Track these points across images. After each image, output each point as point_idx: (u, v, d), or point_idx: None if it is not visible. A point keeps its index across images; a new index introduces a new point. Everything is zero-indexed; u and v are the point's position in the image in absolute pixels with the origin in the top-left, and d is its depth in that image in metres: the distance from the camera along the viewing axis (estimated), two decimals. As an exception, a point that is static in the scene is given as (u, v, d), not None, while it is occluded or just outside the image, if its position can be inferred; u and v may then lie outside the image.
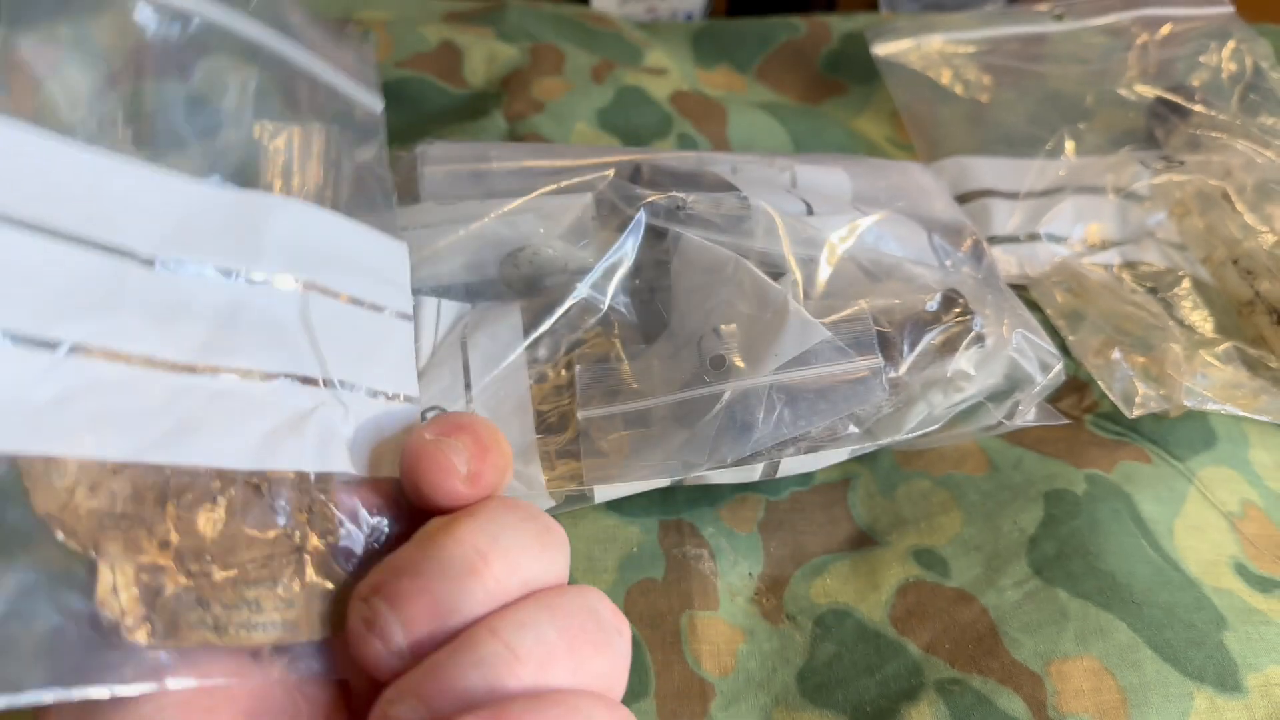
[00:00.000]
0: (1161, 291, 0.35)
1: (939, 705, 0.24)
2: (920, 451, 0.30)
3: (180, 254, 0.15)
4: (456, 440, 0.16)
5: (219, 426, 0.15)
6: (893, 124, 0.45)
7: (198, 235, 0.16)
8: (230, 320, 0.16)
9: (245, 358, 0.16)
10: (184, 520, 0.14)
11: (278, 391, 0.16)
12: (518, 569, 0.15)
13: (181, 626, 0.13)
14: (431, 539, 0.15)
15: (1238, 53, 0.43)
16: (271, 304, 0.16)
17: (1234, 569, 0.28)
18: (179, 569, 0.14)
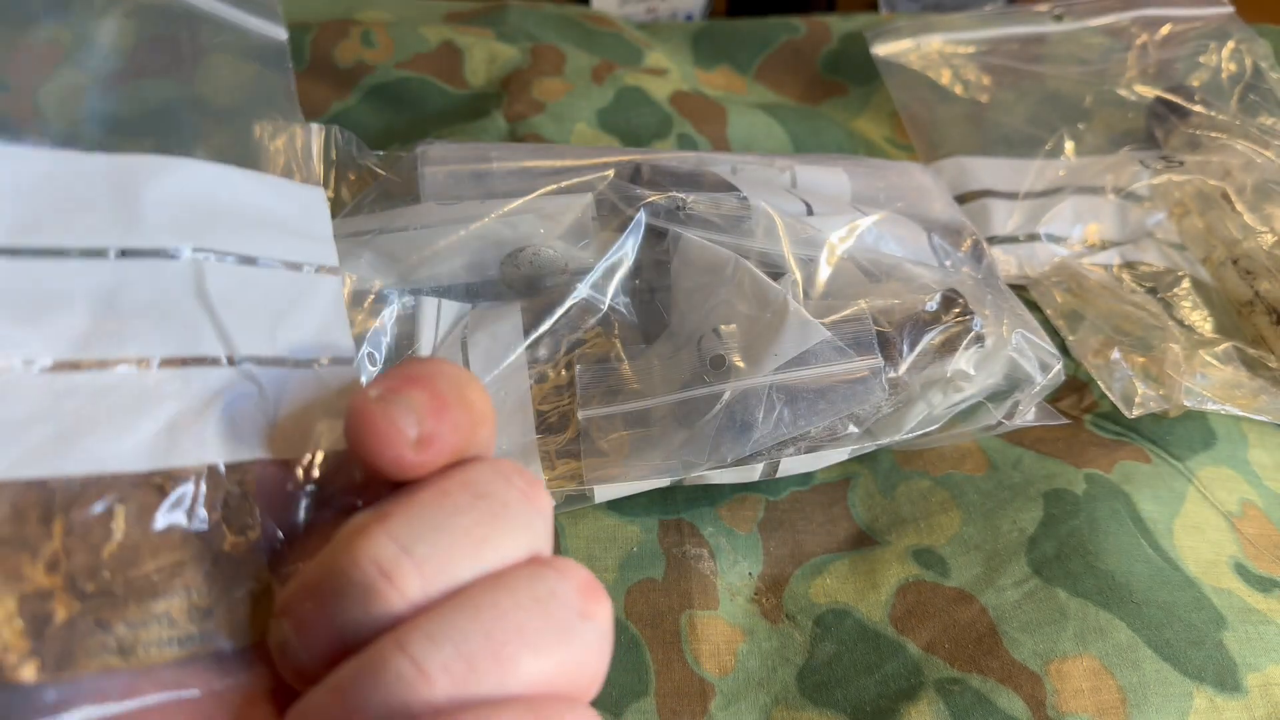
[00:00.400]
0: (1161, 291, 0.35)
1: (938, 704, 0.24)
2: (920, 451, 0.30)
3: (44, 238, 0.14)
4: (406, 396, 0.14)
5: (110, 426, 0.13)
6: (892, 124, 0.45)
7: (63, 212, 0.14)
8: (112, 304, 0.14)
9: (135, 345, 0.14)
10: (75, 536, 0.13)
11: (176, 378, 0.14)
12: (442, 573, 0.13)
13: (78, 655, 0.12)
14: (334, 552, 0.13)
15: (1237, 53, 0.43)
16: (160, 279, 0.15)
17: (1233, 569, 0.28)
18: (70, 592, 0.13)
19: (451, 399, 0.14)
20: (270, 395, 0.15)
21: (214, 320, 0.15)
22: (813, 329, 0.25)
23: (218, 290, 0.15)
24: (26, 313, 0.13)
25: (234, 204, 0.16)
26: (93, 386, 0.14)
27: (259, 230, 0.16)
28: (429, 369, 0.14)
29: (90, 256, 0.14)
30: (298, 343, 0.16)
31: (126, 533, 0.13)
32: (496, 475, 0.14)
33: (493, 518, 0.14)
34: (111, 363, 0.14)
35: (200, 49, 0.18)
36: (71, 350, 0.14)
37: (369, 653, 0.12)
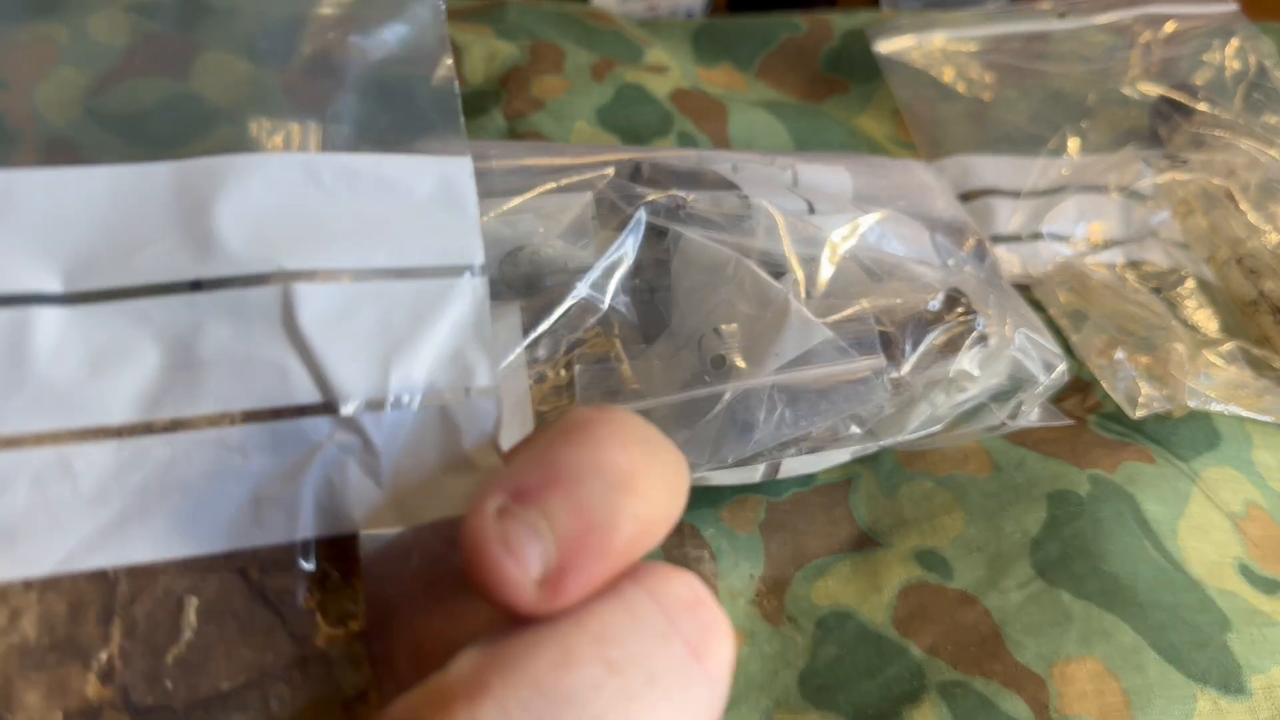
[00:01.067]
0: (1165, 291, 0.35)
1: (941, 707, 0.23)
2: (922, 452, 0.30)
3: (109, 276, 0.12)
4: (537, 513, 0.10)
5: (183, 501, 0.11)
6: (894, 122, 0.45)
7: (130, 242, 0.12)
8: (188, 350, 0.12)
9: (213, 398, 0.12)
10: (136, 640, 0.11)
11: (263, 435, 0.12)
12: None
13: None
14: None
15: (1241, 51, 0.43)
16: (242, 312, 0.12)
17: (1238, 570, 0.28)
18: (123, 708, 0.11)
19: (602, 515, 0.10)
20: (381, 449, 0.12)
21: (307, 358, 0.12)
22: (814, 329, 0.25)
23: (312, 319, 0.12)
24: (93, 371, 0.11)
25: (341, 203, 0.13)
26: (164, 453, 0.11)
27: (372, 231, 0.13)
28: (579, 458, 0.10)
29: (159, 294, 0.12)
30: (420, 376, 0.12)
31: (198, 631, 0.11)
32: (653, 622, 0.10)
33: (627, 703, 0.10)
34: (187, 423, 0.12)
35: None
36: (140, 410, 0.11)
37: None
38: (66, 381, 0.11)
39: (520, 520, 0.10)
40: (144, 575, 0.11)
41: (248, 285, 0.12)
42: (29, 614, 0.11)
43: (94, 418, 0.11)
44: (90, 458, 0.11)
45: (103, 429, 0.11)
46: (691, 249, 0.27)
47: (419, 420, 0.12)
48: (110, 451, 0.11)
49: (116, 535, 0.11)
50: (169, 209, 0.12)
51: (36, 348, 0.11)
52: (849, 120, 0.45)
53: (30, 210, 0.11)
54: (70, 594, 0.11)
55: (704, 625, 0.10)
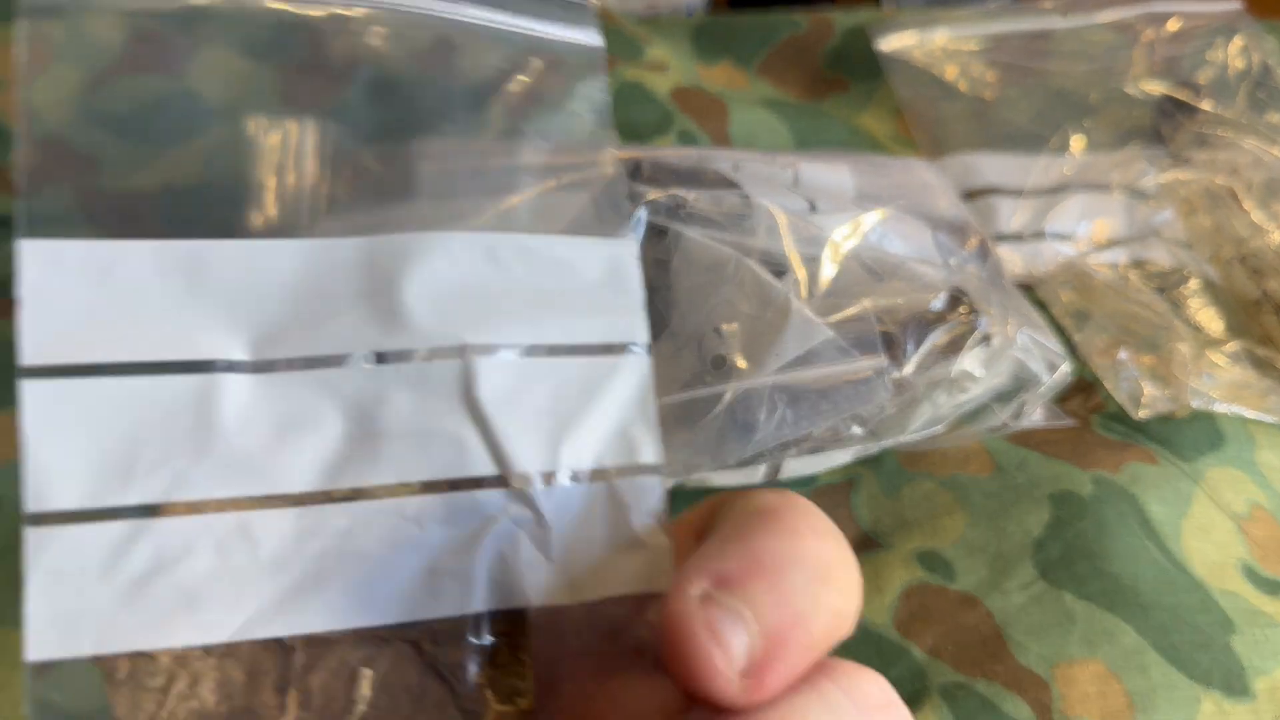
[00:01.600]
0: (1168, 290, 0.35)
1: (943, 710, 0.23)
2: (924, 452, 0.30)
3: (294, 347, 0.12)
4: (742, 601, 0.10)
5: (360, 571, 0.11)
6: (896, 121, 0.45)
7: (316, 314, 0.12)
8: (369, 420, 0.12)
9: (392, 469, 0.12)
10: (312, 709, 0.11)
11: (440, 506, 0.12)
12: None
13: None
14: None
15: (1245, 49, 0.43)
16: (423, 385, 0.12)
17: (1241, 571, 0.27)
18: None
19: (806, 606, 0.10)
20: (552, 523, 0.12)
21: (484, 431, 0.12)
22: (815, 328, 0.25)
23: (491, 394, 0.12)
24: (276, 440, 0.12)
25: (516, 280, 0.13)
26: (343, 522, 0.12)
27: (548, 308, 0.13)
28: (781, 548, 0.10)
29: (343, 365, 0.12)
30: (588, 451, 0.13)
31: (372, 703, 0.11)
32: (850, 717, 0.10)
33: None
34: (366, 492, 0.12)
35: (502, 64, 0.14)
36: (322, 479, 0.12)
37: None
38: (252, 449, 0.11)
39: (726, 608, 0.10)
40: (320, 645, 0.11)
41: (430, 359, 0.12)
42: (207, 681, 0.11)
43: (277, 485, 0.11)
44: (271, 525, 0.11)
45: (285, 496, 0.11)
46: (692, 248, 0.27)
47: (588, 495, 0.12)
48: (291, 519, 0.11)
49: (294, 604, 0.11)
50: (356, 283, 0.12)
51: (224, 415, 0.11)
52: (850, 119, 0.45)
53: (221, 280, 0.12)
54: (248, 662, 0.11)
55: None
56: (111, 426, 0.11)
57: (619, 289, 0.14)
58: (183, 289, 0.12)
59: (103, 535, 0.11)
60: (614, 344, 0.13)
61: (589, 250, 0.14)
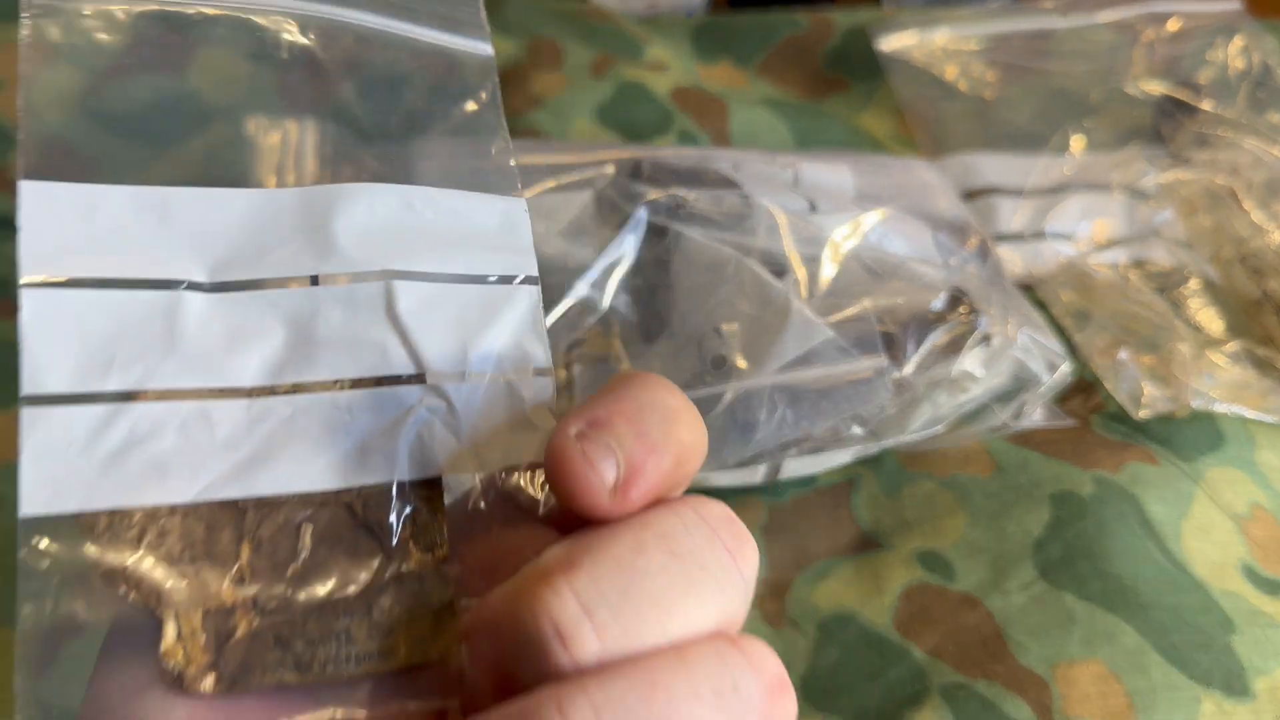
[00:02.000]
0: (1168, 290, 0.35)
1: (944, 710, 0.23)
2: (924, 453, 0.30)
3: (244, 272, 0.15)
4: (609, 434, 0.13)
5: (301, 448, 0.14)
6: (896, 120, 0.45)
7: (262, 247, 0.15)
8: (307, 331, 0.15)
9: (327, 368, 0.15)
10: (262, 555, 0.13)
11: (367, 398, 0.15)
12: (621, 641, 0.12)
13: (254, 670, 0.13)
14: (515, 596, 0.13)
15: (1245, 49, 0.43)
16: (352, 303, 0.15)
17: (1242, 571, 0.27)
18: (254, 609, 0.13)
19: (658, 438, 0.13)
20: (461, 411, 0.15)
21: (404, 339, 0.15)
22: (815, 329, 0.25)
23: (409, 310, 0.15)
24: (230, 344, 0.14)
25: (428, 223, 0.16)
26: (287, 410, 0.14)
27: (454, 247, 0.16)
28: (640, 397, 0.14)
29: (286, 286, 0.15)
30: (490, 357, 0.15)
31: (312, 551, 0.14)
32: (700, 528, 0.13)
33: (687, 582, 0.13)
34: (305, 387, 0.14)
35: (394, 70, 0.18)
36: (268, 377, 0.14)
37: (529, 703, 0.12)
38: (209, 351, 0.14)
39: (596, 441, 0.13)
40: (268, 506, 0.14)
41: (357, 281, 0.15)
42: (174, 533, 0.13)
43: (230, 380, 0.14)
44: (226, 411, 0.14)
45: (237, 389, 0.14)
46: (692, 248, 0.27)
47: (490, 391, 0.15)
48: (242, 407, 0.14)
49: (246, 474, 0.14)
50: (295, 223, 0.15)
51: (187, 323, 0.14)
52: (851, 118, 0.45)
53: (184, 219, 0.15)
54: (208, 519, 0.13)
55: (737, 536, 0.13)
56: (94, 329, 0.14)
57: (511, 235, 0.17)
58: (154, 224, 0.14)
59: (86, 415, 0.13)
60: (508, 276, 0.16)
61: (486, 204, 0.17)
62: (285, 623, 0.13)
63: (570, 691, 0.11)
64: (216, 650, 0.13)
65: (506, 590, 0.13)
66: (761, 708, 0.12)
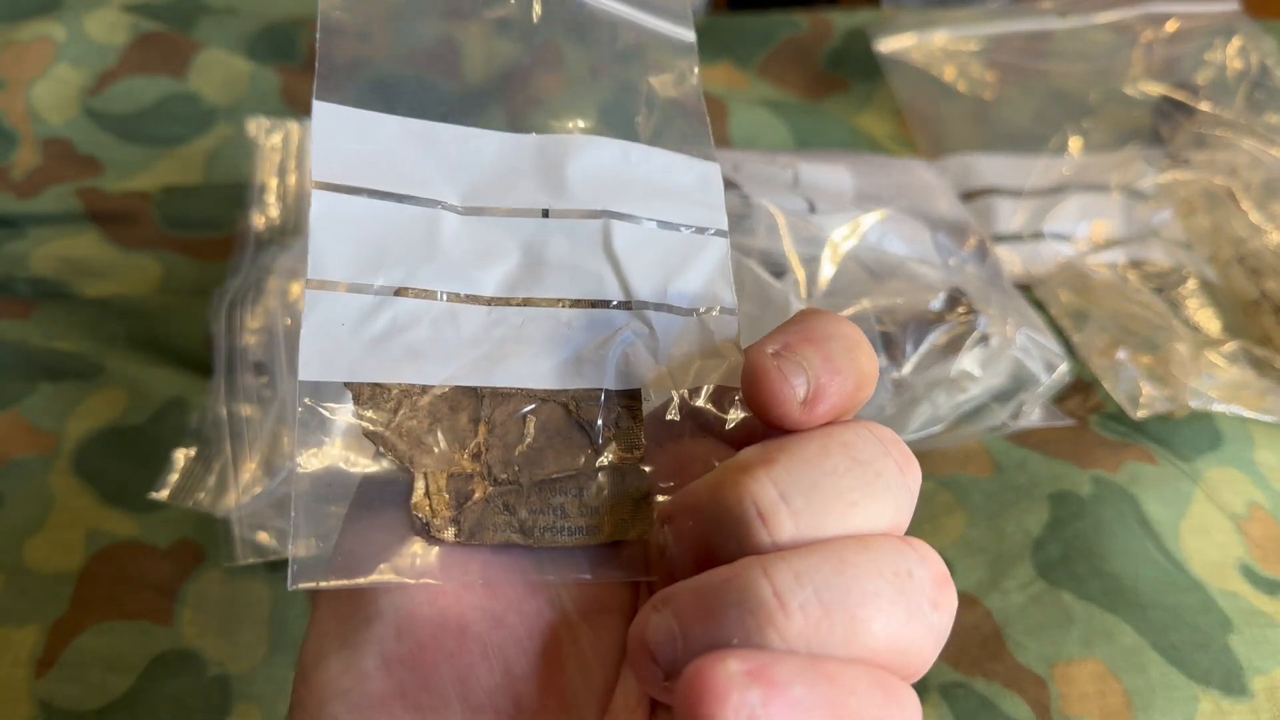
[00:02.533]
0: (1167, 291, 0.35)
1: (943, 708, 0.23)
2: (924, 452, 0.30)
3: (490, 200, 0.17)
4: (801, 355, 0.15)
5: (528, 352, 0.16)
6: (895, 121, 0.45)
7: (506, 182, 0.18)
8: (538, 255, 0.17)
9: (552, 288, 0.17)
10: (495, 435, 0.16)
11: (584, 316, 0.17)
12: (813, 526, 0.14)
13: (487, 528, 0.15)
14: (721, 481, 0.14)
15: (1243, 50, 0.43)
16: (576, 235, 0.17)
17: (1240, 571, 0.27)
18: (487, 478, 0.15)
19: (842, 363, 0.15)
20: (660, 336, 0.17)
21: (617, 271, 0.17)
22: (816, 329, 0.25)
23: (622, 246, 0.18)
24: (476, 259, 0.17)
25: (640, 176, 0.19)
26: (518, 319, 0.17)
27: (661, 197, 0.18)
28: (826, 328, 0.15)
29: (523, 216, 0.17)
30: (687, 293, 0.18)
31: (535, 437, 0.16)
32: (875, 443, 0.14)
33: (866, 484, 0.14)
34: (534, 301, 0.17)
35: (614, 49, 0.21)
36: (505, 289, 0.17)
37: (736, 569, 0.13)
38: (459, 262, 0.17)
39: (789, 360, 0.15)
40: (501, 396, 0.16)
41: (582, 218, 0.18)
42: (424, 409, 0.16)
43: (474, 288, 0.17)
44: (470, 314, 0.16)
45: (479, 296, 0.17)
46: (692, 248, 0.27)
47: (685, 322, 0.17)
48: (483, 312, 0.17)
49: (484, 368, 0.16)
50: (533, 163, 0.18)
51: (444, 237, 0.17)
52: (850, 119, 0.45)
53: (444, 150, 0.17)
54: (451, 400, 0.16)
55: (904, 453, 0.15)
56: (367, 231, 0.16)
57: (706, 192, 0.19)
58: (421, 151, 0.17)
59: (357, 302, 0.16)
60: (703, 227, 0.19)
61: (688, 164, 0.19)
62: (513, 493, 0.16)
63: (772, 559, 0.13)
64: (458, 507, 0.15)
65: (710, 479, 0.14)
66: (932, 594, 0.13)
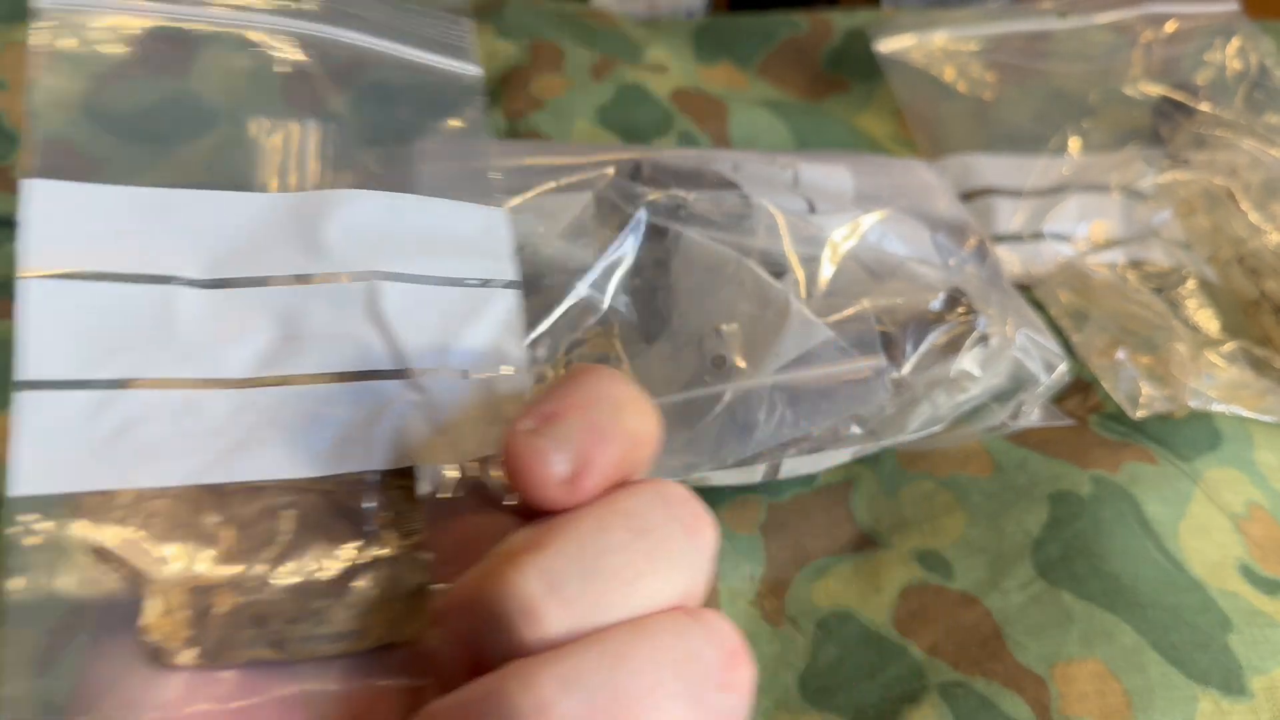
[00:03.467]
0: (1167, 291, 0.35)
1: (942, 708, 0.23)
2: (923, 452, 0.30)
3: (238, 270, 0.15)
4: (559, 428, 0.13)
5: (283, 437, 0.15)
6: (895, 121, 0.45)
7: (257, 247, 0.16)
8: (296, 327, 0.15)
9: (312, 363, 0.15)
10: (243, 537, 0.14)
11: (348, 391, 0.15)
12: (587, 616, 0.13)
13: (233, 646, 0.13)
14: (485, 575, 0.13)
15: (1243, 50, 0.43)
16: (339, 301, 0.16)
17: (1240, 571, 0.27)
18: (234, 588, 0.14)
19: (609, 429, 0.14)
20: (439, 404, 0.16)
21: (387, 337, 0.16)
22: (815, 329, 0.25)
23: (393, 309, 0.16)
24: (221, 338, 0.15)
25: (413, 228, 0.17)
26: (272, 401, 0.15)
27: (438, 251, 0.17)
28: (588, 392, 0.14)
29: (278, 284, 0.16)
30: (468, 354, 0.16)
31: (292, 535, 0.14)
32: (659, 507, 0.14)
33: (649, 557, 0.13)
34: (292, 379, 0.15)
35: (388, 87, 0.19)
36: (257, 368, 0.15)
37: (496, 681, 0.12)
38: (201, 343, 0.15)
39: (546, 435, 0.13)
40: (251, 491, 0.14)
41: (344, 281, 0.16)
42: (163, 513, 0.14)
43: (220, 372, 0.15)
44: (215, 400, 0.15)
45: (226, 380, 0.15)
46: (692, 249, 0.27)
47: (466, 387, 0.16)
48: (231, 397, 0.15)
49: (231, 460, 0.14)
50: (287, 223, 0.16)
51: (180, 317, 0.15)
52: (850, 119, 0.45)
53: (182, 218, 0.15)
54: (194, 501, 0.14)
55: (695, 514, 0.14)
56: (90, 319, 0.14)
57: (492, 241, 0.18)
58: (153, 223, 0.15)
59: (80, 400, 0.14)
60: (488, 279, 0.17)
61: (469, 212, 0.18)
62: (263, 602, 0.14)
63: (536, 666, 0.12)
64: (198, 626, 0.13)
65: (476, 571, 0.13)
66: (719, 676, 0.13)
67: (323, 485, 0.15)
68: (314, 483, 0.15)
